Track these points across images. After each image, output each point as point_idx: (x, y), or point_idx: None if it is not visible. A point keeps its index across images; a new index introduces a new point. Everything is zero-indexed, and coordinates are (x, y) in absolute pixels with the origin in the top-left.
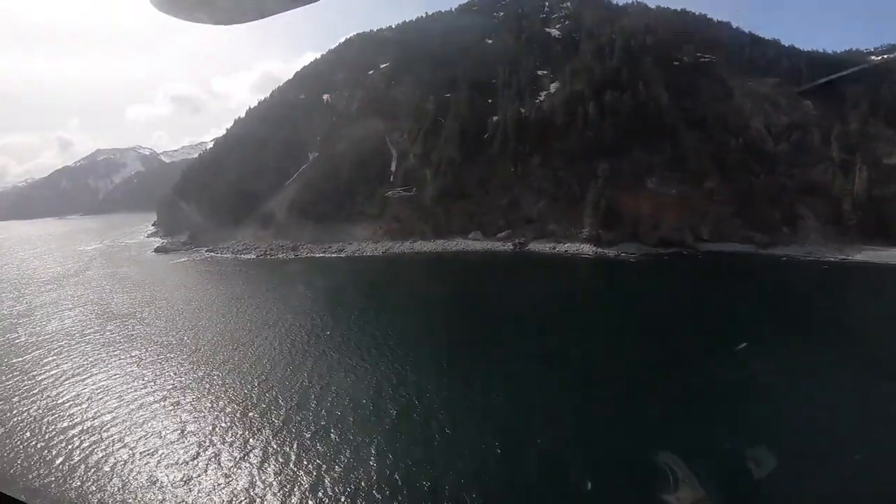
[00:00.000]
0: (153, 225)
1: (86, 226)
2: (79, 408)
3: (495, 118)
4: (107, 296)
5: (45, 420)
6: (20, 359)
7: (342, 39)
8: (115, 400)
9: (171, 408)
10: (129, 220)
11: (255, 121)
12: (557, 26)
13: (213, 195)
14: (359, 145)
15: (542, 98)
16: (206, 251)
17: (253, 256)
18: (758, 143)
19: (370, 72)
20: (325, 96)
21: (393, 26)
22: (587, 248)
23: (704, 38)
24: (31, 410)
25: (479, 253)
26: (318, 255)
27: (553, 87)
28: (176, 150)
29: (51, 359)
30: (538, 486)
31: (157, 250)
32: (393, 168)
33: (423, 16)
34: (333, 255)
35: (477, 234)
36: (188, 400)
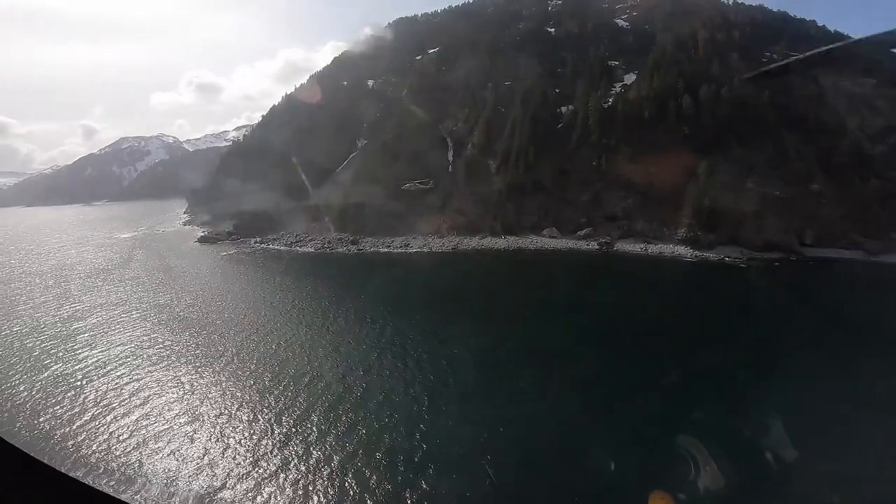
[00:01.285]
0: (185, 213)
1: (113, 213)
2: None
3: (564, 108)
4: (165, 295)
5: None
6: (97, 391)
7: (388, 22)
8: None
9: None
10: (155, 208)
11: (294, 108)
12: (624, 17)
13: (257, 183)
14: (412, 133)
15: (617, 89)
16: (255, 242)
17: (311, 250)
18: (856, 144)
19: (418, 57)
20: (370, 82)
21: (439, 11)
22: (683, 251)
23: (790, 34)
24: None
25: (559, 252)
26: (382, 251)
27: (627, 77)
28: (199, 139)
29: (136, 388)
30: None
31: (200, 240)
32: (450, 158)
33: (469, 1)
34: (399, 251)
35: (553, 231)
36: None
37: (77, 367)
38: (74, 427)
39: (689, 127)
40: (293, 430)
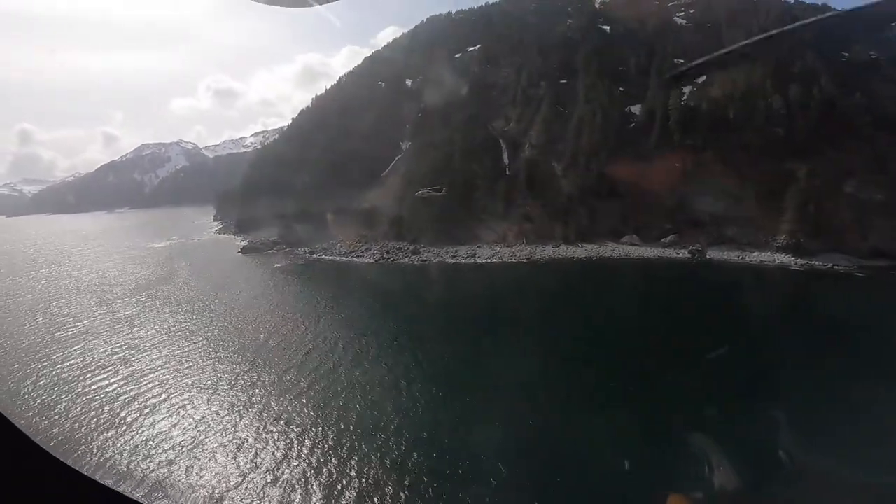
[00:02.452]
0: (215, 220)
1: (138, 220)
2: None
3: (633, 107)
4: (228, 319)
5: None
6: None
7: (422, 20)
8: None
9: None
10: (181, 215)
11: (326, 110)
12: (681, 14)
13: (294, 188)
14: (461, 134)
15: (688, 88)
16: (305, 252)
17: (371, 260)
18: None
19: (457, 55)
20: (409, 81)
21: (475, 8)
22: (785, 259)
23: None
24: None
25: (648, 262)
26: (448, 261)
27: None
28: (218, 145)
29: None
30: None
31: (244, 251)
32: (506, 160)
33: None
34: (467, 261)
35: (634, 238)
36: None
37: (165, 429)
38: None
39: (783, 128)
40: None
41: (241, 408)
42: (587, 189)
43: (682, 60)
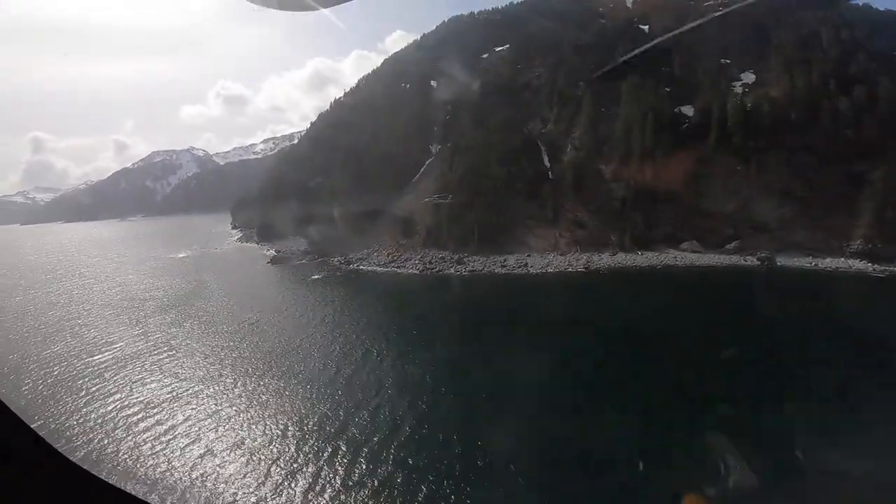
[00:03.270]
0: (234, 228)
1: (153, 228)
2: None
3: (682, 108)
4: (274, 340)
5: None
6: None
7: (441, 22)
8: None
9: None
10: (195, 223)
11: (345, 113)
12: (718, 13)
13: (317, 194)
14: (497, 136)
15: (738, 89)
16: (340, 262)
17: (415, 271)
18: None
19: (483, 56)
20: (433, 82)
21: (500, 8)
22: (860, 265)
23: None
24: None
25: (712, 269)
26: (498, 271)
27: (744, 76)
28: (228, 152)
29: None
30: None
31: (273, 261)
32: (547, 163)
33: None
34: (520, 271)
35: (693, 244)
36: None
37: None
38: None
39: (851, 130)
40: None
41: (356, 474)
42: (641, 193)
43: (728, 61)
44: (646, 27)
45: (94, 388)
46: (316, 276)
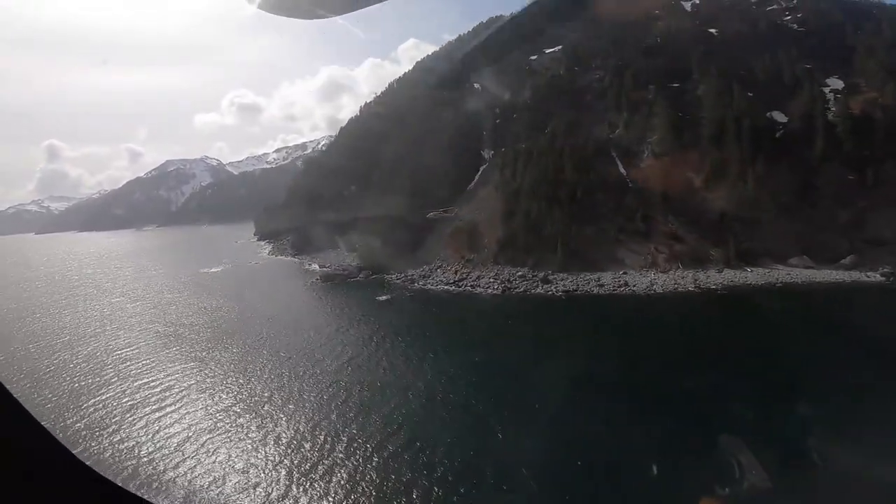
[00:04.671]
0: (261, 240)
1: (171, 239)
2: None
3: (771, 113)
4: (399, 397)
5: None
6: None
7: (481, 21)
8: None
9: None
10: (216, 233)
11: (379, 117)
12: (787, 17)
13: (359, 204)
14: (562, 140)
15: (831, 94)
16: (402, 280)
17: (497, 291)
18: None
19: (532, 57)
20: (477, 85)
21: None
22: None
23: None
24: None
25: (835, 286)
26: (595, 291)
27: (830, 81)
28: (241, 161)
29: None
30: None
31: (324, 279)
32: (622, 170)
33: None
34: (621, 291)
35: (803, 259)
36: None
37: None
38: None
39: None
40: None
41: None
42: (745, 204)
43: (810, 66)
44: (713, 30)
45: (168, 456)
46: (383, 298)
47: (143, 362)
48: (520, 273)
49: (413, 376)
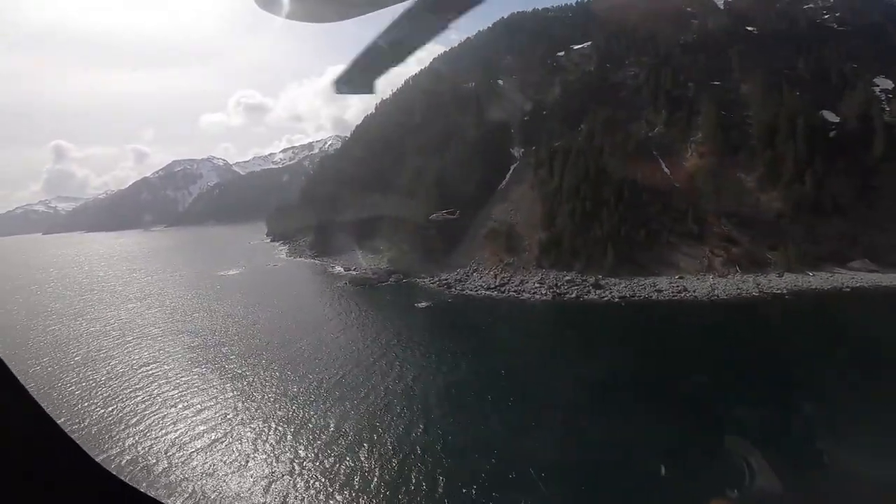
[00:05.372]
0: (275, 241)
1: (181, 239)
2: None
3: (823, 112)
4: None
5: None
6: None
7: (502, 17)
8: None
9: None
10: (225, 233)
11: (397, 115)
12: (825, 16)
13: (380, 204)
14: (600, 139)
15: (881, 93)
16: (435, 284)
17: (546, 297)
18: None
19: (559, 53)
20: (501, 81)
21: (572, 4)
22: None
23: None
24: None
25: None
26: (654, 296)
27: (878, 81)
28: (247, 161)
29: None
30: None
31: (353, 282)
32: (666, 169)
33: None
34: (682, 297)
35: (865, 262)
36: None
37: None
38: None
39: None
40: None
41: None
42: (804, 205)
43: (856, 65)
44: (751, 28)
45: None
46: (422, 305)
47: (175, 383)
48: (567, 277)
49: (498, 405)
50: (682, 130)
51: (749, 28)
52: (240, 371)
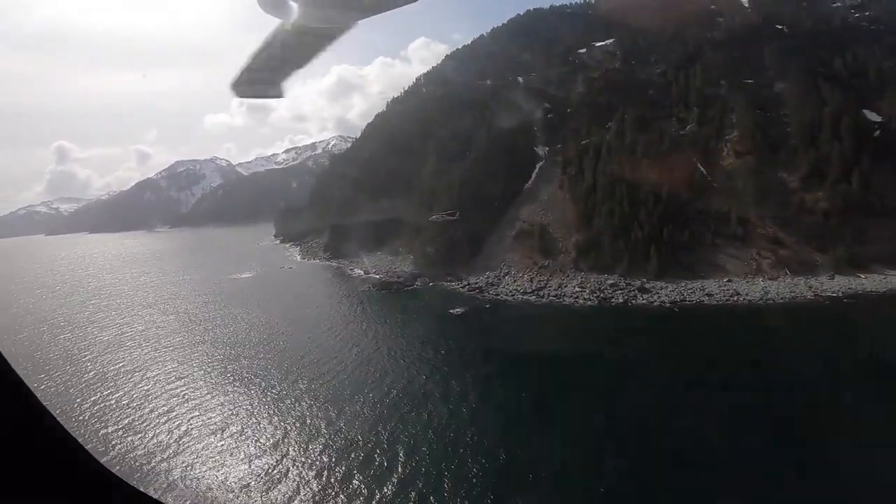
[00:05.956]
0: (285, 242)
1: (187, 241)
2: None
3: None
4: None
5: None
6: None
7: (520, 13)
8: None
9: None
10: (232, 234)
11: (411, 114)
12: (856, 15)
13: (399, 205)
14: (630, 137)
15: None
16: (465, 288)
17: (591, 302)
18: None
19: (580, 50)
20: (520, 79)
21: (591, 2)
22: None
23: None
24: None
25: None
26: (706, 301)
27: None
28: (250, 162)
29: None
30: None
31: (379, 287)
32: (702, 169)
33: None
34: (734, 301)
35: None
36: None
37: None
38: None
39: None
40: None
41: None
42: (849, 206)
43: (893, 64)
44: (781, 26)
45: None
46: (457, 311)
47: (207, 406)
48: (610, 281)
49: (570, 429)
50: (716, 129)
51: (779, 26)
52: (274, 389)
